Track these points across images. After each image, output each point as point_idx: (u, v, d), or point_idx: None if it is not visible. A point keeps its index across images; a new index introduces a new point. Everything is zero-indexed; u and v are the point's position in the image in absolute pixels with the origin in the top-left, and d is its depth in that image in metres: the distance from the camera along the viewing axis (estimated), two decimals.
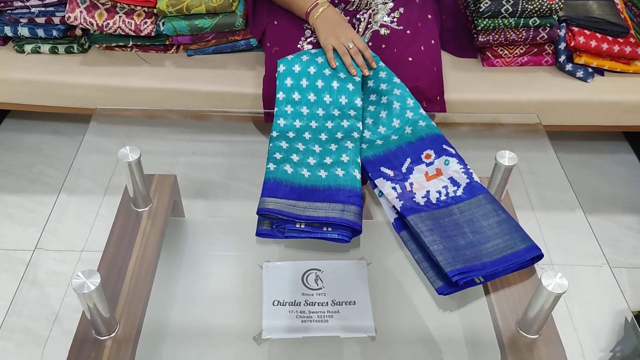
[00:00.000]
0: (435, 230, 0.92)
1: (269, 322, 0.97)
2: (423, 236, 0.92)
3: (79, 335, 0.90)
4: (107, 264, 1.01)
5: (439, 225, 0.93)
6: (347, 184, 1.00)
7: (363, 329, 0.97)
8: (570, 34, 1.43)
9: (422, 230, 0.93)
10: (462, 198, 0.98)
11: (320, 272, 1.05)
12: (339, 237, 0.96)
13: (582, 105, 1.43)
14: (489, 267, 0.89)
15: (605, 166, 1.82)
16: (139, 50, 1.48)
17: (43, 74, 1.43)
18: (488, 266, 0.89)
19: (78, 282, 0.81)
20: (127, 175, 1.06)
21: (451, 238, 0.91)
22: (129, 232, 1.07)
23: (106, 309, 0.86)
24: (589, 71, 1.45)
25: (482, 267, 0.88)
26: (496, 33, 1.42)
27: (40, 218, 1.57)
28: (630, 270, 1.52)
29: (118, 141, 1.27)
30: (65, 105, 1.47)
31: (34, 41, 1.45)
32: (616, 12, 1.46)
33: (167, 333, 1.00)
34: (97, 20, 1.36)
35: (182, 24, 1.36)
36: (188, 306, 1.04)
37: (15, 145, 1.78)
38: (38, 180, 1.67)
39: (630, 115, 1.46)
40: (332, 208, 0.97)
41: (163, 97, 1.42)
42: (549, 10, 1.37)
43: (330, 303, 1.00)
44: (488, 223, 0.94)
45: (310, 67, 1.17)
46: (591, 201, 1.70)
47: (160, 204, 1.14)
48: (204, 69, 1.44)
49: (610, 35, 1.42)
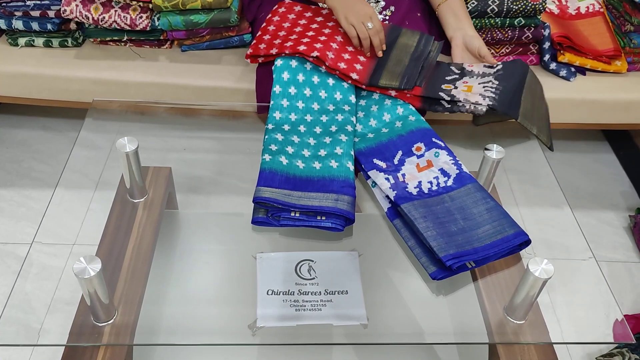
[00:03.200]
0: (428, 217, 0.96)
1: (264, 310, 0.98)
2: (417, 223, 0.95)
3: (78, 322, 0.91)
4: (105, 252, 1.02)
5: (431, 212, 0.97)
6: (341, 175, 1.03)
7: (355, 317, 0.99)
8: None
9: (416, 217, 0.96)
10: (453, 187, 1.02)
11: (313, 262, 1.06)
12: (332, 226, 0.98)
13: (565, 104, 1.48)
14: (480, 251, 0.92)
15: (586, 165, 1.87)
16: (133, 45, 1.49)
17: (37, 67, 1.42)
18: (479, 251, 0.92)
19: (79, 267, 0.82)
20: (124, 166, 1.07)
21: (443, 224, 0.95)
22: (126, 222, 1.09)
23: (106, 294, 0.88)
24: (572, 70, 1.50)
25: (473, 252, 0.92)
26: (482, 32, 1.46)
27: (30, 212, 1.57)
28: (611, 264, 1.57)
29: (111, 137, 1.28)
30: (59, 99, 1.47)
31: (28, 34, 1.45)
32: None
33: (163, 322, 1.01)
34: (93, 14, 1.37)
35: (177, 19, 1.38)
36: (184, 295, 1.05)
37: (5, 140, 1.77)
38: (28, 175, 1.67)
39: (610, 113, 1.50)
40: (326, 197, 0.99)
41: (157, 91, 1.43)
42: (533, 11, 1.42)
43: (323, 292, 1.02)
44: (478, 210, 0.97)
45: (307, 63, 1.19)
46: (572, 198, 1.75)
47: (155, 195, 1.15)
48: (198, 64, 1.46)
49: None
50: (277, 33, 1.26)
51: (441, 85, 1.17)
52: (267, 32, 1.28)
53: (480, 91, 1.13)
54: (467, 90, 1.14)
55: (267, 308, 0.99)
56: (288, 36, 1.23)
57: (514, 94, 1.13)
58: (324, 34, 1.22)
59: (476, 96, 1.12)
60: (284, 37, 1.23)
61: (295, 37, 1.22)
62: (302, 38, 1.20)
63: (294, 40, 1.20)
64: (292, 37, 1.22)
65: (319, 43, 1.18)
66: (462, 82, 1.17)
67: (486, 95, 1.11)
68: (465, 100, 1.12)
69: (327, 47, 1.17)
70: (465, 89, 1.15)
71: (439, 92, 1.15)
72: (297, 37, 1.22)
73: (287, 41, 1.21)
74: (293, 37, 1.22)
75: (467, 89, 1.15)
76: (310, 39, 1.20)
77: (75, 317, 0.92)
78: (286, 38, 1.23)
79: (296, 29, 1.25)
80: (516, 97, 1.13)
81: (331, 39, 1.20)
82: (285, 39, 1.22)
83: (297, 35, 1.22)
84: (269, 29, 1.28)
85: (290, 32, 1.25)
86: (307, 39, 1.20)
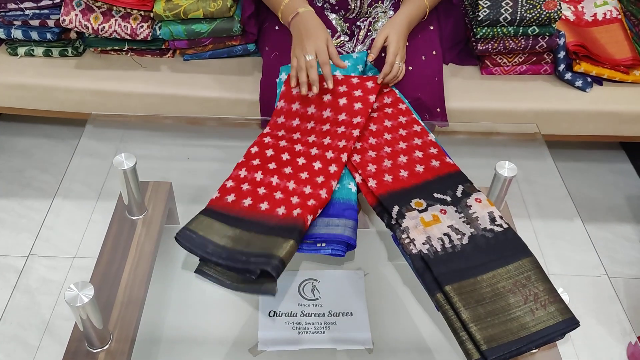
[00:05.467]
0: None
1: (265, 333, 0.96)
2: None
3: (71, 348, 0.89)
4: (101, 273, 1.00)
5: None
6: (342, 198, 0.99)
7: (360, 341, 0.96)
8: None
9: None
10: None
11: (317, 282, 1.04)
12: (332, 253, 0.94)
13: (580, 115, 1.43)
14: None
15: (602, 176, 1.82)
16: (134, 54, 1.46)
17: (36, 78, 1.40)
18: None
19: (71, 295, 0.79)
20: (121, 183, 1.05)
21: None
22: (123, 241, 1.06)
23: (99, 321, 0.85)
24: (588, 80, 1.45)
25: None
26: (495, 41, 1.42)
27: (31, 224, 1.55)
28: (627, 281, 1.52)
29: (112, 146, 1.26)
30: (58, 109, 1.45)
31: (28, 44, 1.43)
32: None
33: (162, 344, 0.99)
34: (93, 23, 1.35)
35: (179, 29, 1.35)
36: (183, 316, 1.02)
37: (6, 149, 1.76)
38: (29, 185, 1.65)
39: (628, 125, 1.46)
40: (325, 223, 0.95)
41: (158, 102, 1.40)
42: (547, 19, 1.37)
43: (327, 314, 0.99)
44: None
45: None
46: (588, 211, 1.70)
47: (155, 211, 1.12)
48: (200, 74, 1.43)
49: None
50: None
51: (411, 198, 0.98)
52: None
53: (437, 233, 0.92)
54: (427, 224, 0.94)
55: (268, 331, 0.97)
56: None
57: (468, 267, 0.88)
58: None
59: (422, 236, 0.92)
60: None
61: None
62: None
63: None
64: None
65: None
66: (438, 208, 0.96)
67: (432, 244, 0.91)
68: (407, 236, 0.93)
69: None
70: (431, 219, 0.95)
71: (396, 204, 0.97)
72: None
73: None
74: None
75: (432, 219, 0.95)
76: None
77: (68, 343, 0.89)
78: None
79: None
80: (467, 273, 0.88)
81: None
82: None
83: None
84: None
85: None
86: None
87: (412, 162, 1.05)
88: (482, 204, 0.97)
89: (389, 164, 1.04)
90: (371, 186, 1.00)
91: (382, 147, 1.07)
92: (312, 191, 0.96)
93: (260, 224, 0.93)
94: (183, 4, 1.32)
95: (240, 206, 0.97)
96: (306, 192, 0.97)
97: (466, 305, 0.84)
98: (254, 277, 0.87)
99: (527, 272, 0.89)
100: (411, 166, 1.04)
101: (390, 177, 1.02)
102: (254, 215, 0.95)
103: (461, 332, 0.83)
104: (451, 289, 0.85)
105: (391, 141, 1.08)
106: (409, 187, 1.00)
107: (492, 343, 0.80)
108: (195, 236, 0.93)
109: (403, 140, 1.08)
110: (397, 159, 1.05)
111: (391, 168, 1.03)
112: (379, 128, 1.10)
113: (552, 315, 0.84)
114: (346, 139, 1.05)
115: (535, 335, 0.82)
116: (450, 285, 0.86)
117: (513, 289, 0.87)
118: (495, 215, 0.96)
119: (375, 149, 1.06)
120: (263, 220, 0.94)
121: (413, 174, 1.02)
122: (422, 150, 1.07)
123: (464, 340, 0.82)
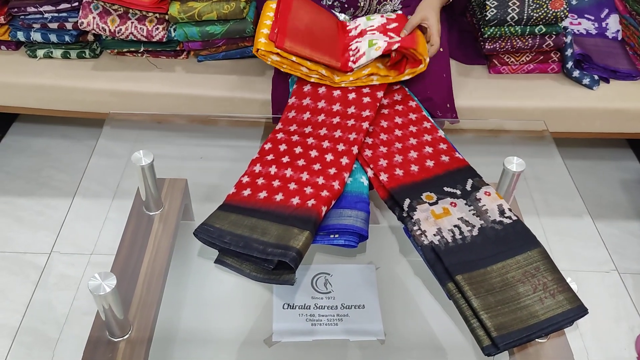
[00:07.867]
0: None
1: (279, 325, 0.98)
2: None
3: (93, 337, 0.91)
4: (120, 266, 1.02)
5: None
6: (354, 190, 1.01)
7: (372, 332, 0.98)
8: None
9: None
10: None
11: (330, 276, 1.05)
12: (345, 243, 0.96)
13: (588, 113, 1.44)
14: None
15: (608, 173, 1.83)
16: (150, 55, 1.49)
17: (55, 79, 1.44)
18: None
19: (94, 284, 0.82)
20: (139, 179, 1.07)
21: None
22: (141, 236, 1.08)
23: (121, 311, 0.87)
24: (595, 79, 1.46)
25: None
26: (502, 41, 1.44)
27: (49, 222, 1.58)
28: (635, 276, 1.53)
29: (128, 145, 1.29)
30: (76, 109, 1.48)
31: (47, 46, 1.46)
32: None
33: (179, 335, 1.01)
34: (110, 26, 1.38)
35: (193, 30, 1.38)
36: (199, 309, 1.05)
37: (24, 148, 1.79)
38: (47, 184, 1.68)
39: (635, 122, 1.47)
40: (337, 215, 0.98)
41: (173, 102, 1.43)
42: (554, 18, 1.39)
43: (340, 306, 1.01)
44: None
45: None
46: (595, 207, 1.71)
47: (171, 207, 1.15)
48: (214, 74, 1.46)
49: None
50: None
51: (422, 192, 1.01)
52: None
53: (448, 225, 0.95)
54: (437, 217, 0.97)
55: (283, 322, 0.99)
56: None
57: (478, 258, 0.91)
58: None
59: (433, 228, 0.94)
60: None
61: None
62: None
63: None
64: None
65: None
66: (448, 201, 0.98)
67: (443, 235, 0.94)
68: (418, 228, 0.95)
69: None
70: (442, 211, 0.97)
71: (407, 198, 0.99)
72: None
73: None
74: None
75: (443, 212, 0.97)
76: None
77: (90, 332, 0.92)
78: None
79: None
80: (477, 264, 0.90)
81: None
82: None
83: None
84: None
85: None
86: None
87: (422, 157, 1.07)
88: (492, 197, 0.99)
89: (400, 159, 1.06)
90: (383, 180, 1.03)
91: (393, 143, 1.09)
92: (325, 182, 0.99)
93: (276, 214, 0.96)
94: (197, 7, 1.35)
95: (255, 199, 1.00)
96: (319, 183, 0.99)
97: (477, 294, 0.86)
98: (272, 267, 0.90)
99: (536, 263, 0.90)
100: (421, 161, 1.06)
101: (401, 172, 1.04)
102: (270, 206, 0.98)
103: (472, 319, 0.84)
104: (462, 279, 0.87)
105: (402, 137, 1.11)
106: (419, 181, 1.03)
107: (503, 330, 0.82)
108: (212, 229, 0.96)
109: (413, 137, 1.11)
110: (407, 155, 1.07)
111: (402, 163, 1.06)
112: (389, 125, 1.13)
113: (561, 303, 0.86)
114: (356, 131, 1.07)
115: (544, 322, 0.84)
116: (461, 275, 0.88)
117: (522, 278, 0.88)
118: (504, 207, 0.98)
119: (386, 145, 1.09)
120: (278, 210, 0.96)
121: (423, 168, 1.05)
122: (432, 146, 1.09)
123: (475, 328, 0.84)
